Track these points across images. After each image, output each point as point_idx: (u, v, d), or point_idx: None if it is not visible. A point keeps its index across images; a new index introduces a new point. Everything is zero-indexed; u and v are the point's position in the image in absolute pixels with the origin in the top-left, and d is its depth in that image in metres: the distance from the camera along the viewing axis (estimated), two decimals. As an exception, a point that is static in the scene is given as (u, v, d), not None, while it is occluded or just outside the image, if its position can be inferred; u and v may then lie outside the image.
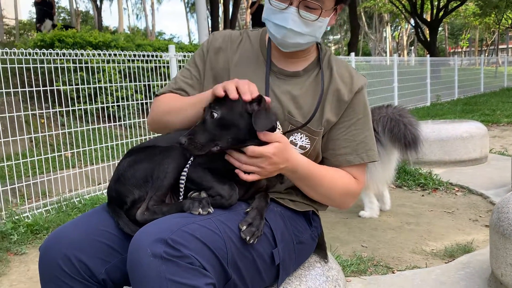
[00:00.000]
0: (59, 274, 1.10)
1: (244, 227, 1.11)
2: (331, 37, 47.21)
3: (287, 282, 1.32)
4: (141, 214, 1.13)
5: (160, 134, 1.39)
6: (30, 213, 3.51)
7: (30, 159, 3.76)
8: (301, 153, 1.33)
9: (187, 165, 1.16)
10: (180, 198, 1.17)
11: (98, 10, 20.25)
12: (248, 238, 1.10)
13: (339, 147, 1.36)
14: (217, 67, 1.41)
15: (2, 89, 3.53)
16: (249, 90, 1.12)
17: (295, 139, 1.34)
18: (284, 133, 1.31)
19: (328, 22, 1.31)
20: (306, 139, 1.34)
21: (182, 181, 1.15)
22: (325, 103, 1.34)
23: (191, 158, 1.16)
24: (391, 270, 2.51)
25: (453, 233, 3.04)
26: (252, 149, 1.11)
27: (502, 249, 1.98)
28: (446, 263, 2.56)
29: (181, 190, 1.16)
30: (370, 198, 3.34)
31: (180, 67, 4.69)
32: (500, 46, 42.97)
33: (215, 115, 1.10)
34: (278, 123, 1.20)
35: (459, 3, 19.95)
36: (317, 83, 1.36)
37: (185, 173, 1.15)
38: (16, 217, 3.34)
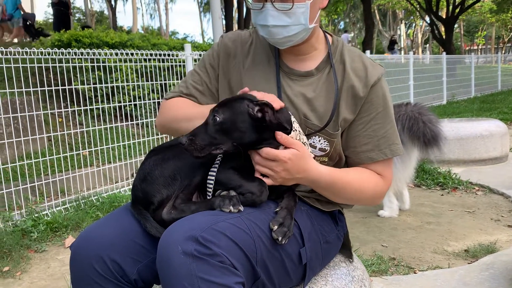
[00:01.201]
0: (92, 274, 1.09)
1: (276, 227, 1.09)
2: (344, 35, 46.93)
3: (313, 281, 1.30)
4: (167, 213, 1.12)
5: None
6: (49, 211, 3.55)
7: (49, 157, 3.80)
8: (322, 155, 1.30)
9: (215, 164, 1.14)
10: (208, 197, 1.15)
11: (113, 10, 20.42)
12: (280, 238, 1.08)
13: (360, 144, 1.31)
14: (230, 73, 1.38)
15: (22, 88, 3.57)
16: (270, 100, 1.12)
17: (313, 142, 1.30)
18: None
19: (313, 2, 1.23)
20: (324, 141, 1.30)
21: (211, 181, 1.14)
22: (340, 102, 1.29)
23: (218, 158, 1.15)
24: (413, 270, 2.47)
25: (475, 233, 2.99)
26: (266, 150, 1.10)
27: (529, 250, 1.94)
28: (469, 263, 2.52)
29: (209, 190, 1.14)
30: (390, 197, 3.30)
31: (196, 65, 4.69)
32: (517, 43, 42.23)
33: (217, 118, 1.09)
34: (296, 125, 1.17)
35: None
36: (330, 82, 1.31)
37: (213, 173, 1.13)
38: (36, 215, 3.37)
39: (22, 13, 11.00)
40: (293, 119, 1.17)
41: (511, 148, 5.20)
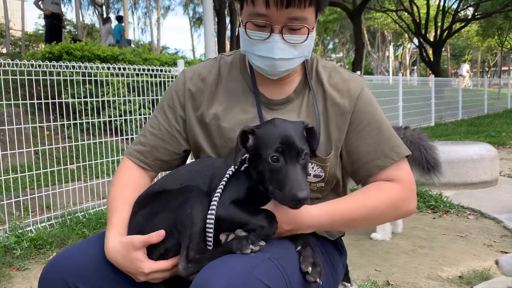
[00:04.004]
0: None
1: (310, 269, 1.01)
2: (333, 55, 47.53)
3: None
4: (185, 269, 1.01)
5: (165, 173, 1.29)
6: (34, 227, 3.44)
7: (36, 171, 3.70)
8: (318, 181, 1.24)
9: (212, 205, 1.05)
10: (209, 243, 1.05)
11: (104, 23, 20.36)
12: (318, 279, 1.01)
13: (363, 155, 1.23)
14: (200, 108, 1.28)
15: (10, 100, 3.49)
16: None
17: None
18: None
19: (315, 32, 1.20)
20: (318, 168, 1.23)
21: (210, 224, 1.04)
22: (329, 123, 1.23)
23: (215, 198, 1.06)
24: (407, 297, 2.42)
25: (468, 258, 2.96)
26: None
27: (527, 279, 1.91)
28: (463, 290, 2.48)
29: (210, 234, 1.04)
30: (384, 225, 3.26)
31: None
32: (503, 68, 43.17)
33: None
34: None
35: (463, 24, 20.09)
36: (312, 104, 1.24)
37: (212, 215, 1.04)
38: (20, 231, 3.26)
39: (125, 38, 13.08)
40: None
41: (501, 172, 5.23)
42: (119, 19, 14.40)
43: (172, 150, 1.31)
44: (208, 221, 1.04)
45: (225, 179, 1.09)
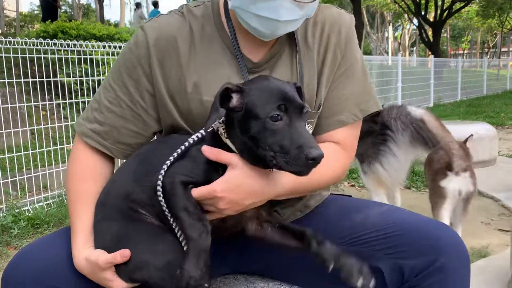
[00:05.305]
0: None
1: (360, 282, 0.90)
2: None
3: None
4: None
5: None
6: (31, 206, 3.43)
7: (32, 151, 3.68)
8: None
9: (160, 174, 0.91)
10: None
11: (100, 3, 20.11)
12: (372, 283, 0.91)
13: (327, 108, 1.11)
14: (171, 83, 1.05)
15: (5, 79, 3.44)
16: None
17: None
18: None
19: None
20: (309, 127, 1.10)
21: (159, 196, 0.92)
22: (323, 69, 1.10)
23: (167, 163, 0.92)
24: (405, 274, 2.43)
25: (467, 236, 2.95)
26: (194, 192, 0.90)
27: (526, 255, 1.91)
28: (461, 267, 2.49)
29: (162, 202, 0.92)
30: (382, 198, 3.25)
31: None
32: (502, 49, 42.97)
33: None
34: None
35: (463, 4, 19.89)
36: (306, 49, 1.09)
37: (159, 187, 0.91)
38: (17, 211, 3.26)
39: None
40: None
41: (499, 151, 5.23)
42: (155, 4, 14.18)
43: (137, 131, 1.08)
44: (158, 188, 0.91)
45: (187, 143, 0.93)
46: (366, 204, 1.17)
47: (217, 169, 0.92)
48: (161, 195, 0.90)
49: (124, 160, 1.10)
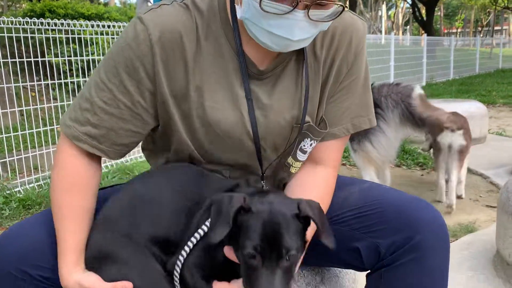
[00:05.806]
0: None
1: None
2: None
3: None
4: None
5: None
6: (22, 187, 3.43)
7: (22, 132, 3.65)
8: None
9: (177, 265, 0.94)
10: None
11: (89, -18, 19.74)
12: None
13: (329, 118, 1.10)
14: (175, 83, 0.99)
15: (-9, 59, 3.40)
16: None
17: (304, 146, 1.08)
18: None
19: None
20: (315, 142, 1.09)
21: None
22: (328, 79, 1.06)
23: (183, 253, 0.94)
24: (394, 250, 2.47)
25: (455, 213, 3.00)
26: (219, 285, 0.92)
27: (511, 229, 1.94)
28: (449, 242, 2.53)
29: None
30: (371, 176, 3.28)
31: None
32: (495, 28, 42.86)
33: None
34: None
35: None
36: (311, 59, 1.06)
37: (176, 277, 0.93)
38: (8, 192, 3.25)
39: None
40: None
41: (489, 129, 5.27)
42: None
43: (135, 131, 1.02)
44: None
45: (194, 240, 0.93)
46: (349, 181, 1.18)
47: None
48: (178, 282, 0.92)
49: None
